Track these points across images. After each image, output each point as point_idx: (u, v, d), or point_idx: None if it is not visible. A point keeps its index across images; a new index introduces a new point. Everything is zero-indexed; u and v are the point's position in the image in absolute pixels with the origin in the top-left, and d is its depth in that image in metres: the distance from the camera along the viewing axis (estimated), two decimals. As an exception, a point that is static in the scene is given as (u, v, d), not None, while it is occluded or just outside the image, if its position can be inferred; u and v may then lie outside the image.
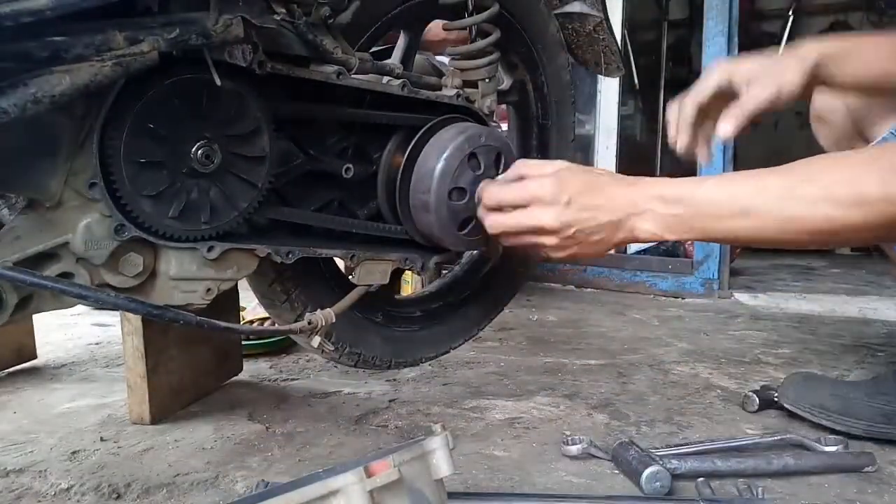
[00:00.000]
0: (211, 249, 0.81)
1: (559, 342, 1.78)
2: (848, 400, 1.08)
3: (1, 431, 1.14)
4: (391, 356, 1.20)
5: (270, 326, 1.38)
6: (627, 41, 3.53)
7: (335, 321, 0.94)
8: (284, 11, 0.82)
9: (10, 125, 0.59)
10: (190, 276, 0.82)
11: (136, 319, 1.15)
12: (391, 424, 1.17)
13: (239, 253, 0.85)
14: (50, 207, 0.72)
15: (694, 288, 2.53)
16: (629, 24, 3.41)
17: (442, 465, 0.58)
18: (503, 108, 1.30)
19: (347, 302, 0.99)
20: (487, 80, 1.10)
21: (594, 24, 1.30)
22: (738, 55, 2.43)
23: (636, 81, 4.11)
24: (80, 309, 1.77)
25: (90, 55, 0.63)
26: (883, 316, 2.17)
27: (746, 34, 4.28)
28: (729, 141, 0.98)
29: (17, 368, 1.50)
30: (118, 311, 1.01)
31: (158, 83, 0.73)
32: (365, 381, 1.41)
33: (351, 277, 1.04)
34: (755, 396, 1.21)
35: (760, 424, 1.16)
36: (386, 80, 0.96)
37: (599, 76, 2.83)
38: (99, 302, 0.72)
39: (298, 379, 1.43)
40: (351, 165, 0.96)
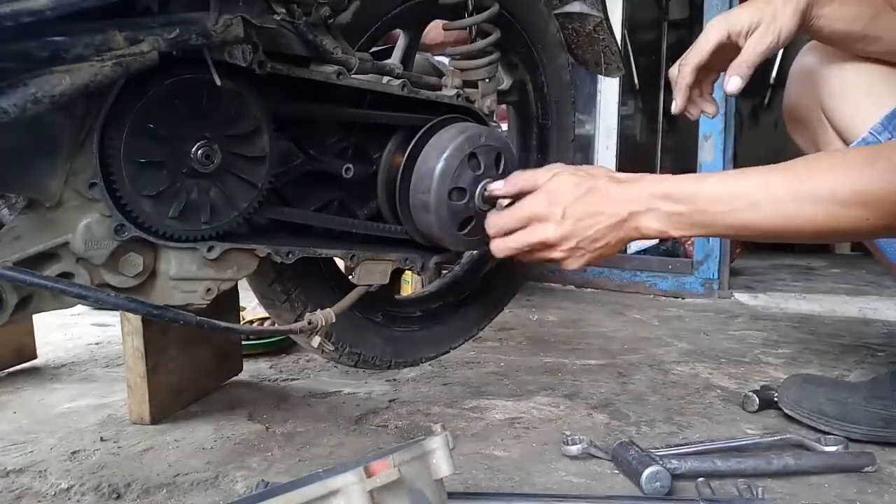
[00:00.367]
0: (211, 249, 0.81)
1: (559, 342, 1.78)
2: (846, 405, 1.08)
3: (1, 431, 1.14)
4: (391, 356, 1.20)
5: (270, 326, 1.38)
6: (627, 41, 3.54)
7: (335, 321, 0.94)
8: (284, 11, 0.82)
9: (10, 125, 0.59)
10: (190, 276, 0.82)
11: (136, 319, 1.15)
12: (391, 424, 1.17)
13: (239, 253, 0.85)
14: (50, 207, 0.72)
15: (694, 288, 2.53)
16: (629, 24, 3.41)
17: (442, 465, 0.58)
18: (503, 108, 1.30)
19: (347, 302, 0.99)
20: (487, 80, 1.10)
21: (594, 24, 1.30)
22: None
23: (636, 81, 4.11)
24: (80, 309, 1.77)
25: (90, 55, 0.63)
26: (883, 316, 2.17)
27: (746, 34, 4.28)
28: (734, 95, 1.01)
29: (17, 368, 1.50)
30: (118, 311, 1.01)
31: (158, 83, 0.73)
32: (365, 381, 1.41)
33: (351, 277, 1.04)
34: (755, 396, 1.21)
35: (760, 424, 1.16)
36: (386, 80, 0.96)
37: (599, 76, 2.84)
38: (99, 302, 0.72)
39: (298, 379, 1.43)
40: (351, 165, 0.96)
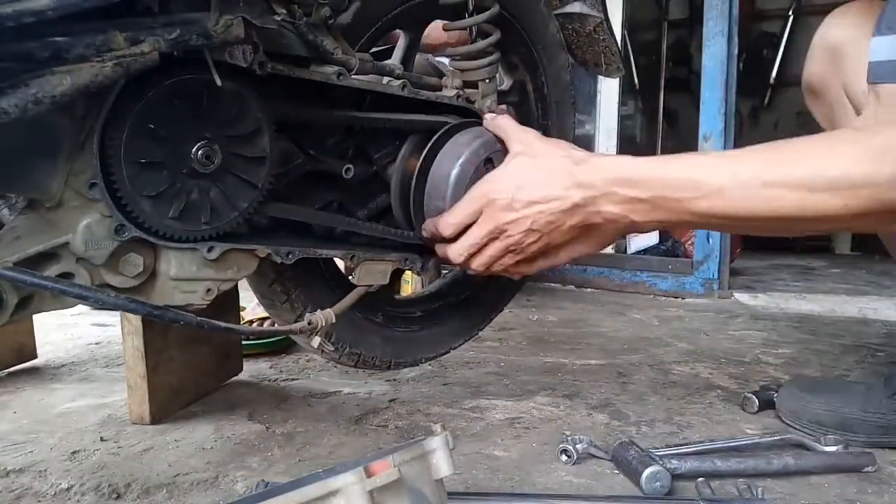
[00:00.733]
0: (211, 250, 0.81)
1: (559, 342, 1.78)
2: (843, 416, 1.07)
3: (1, 431, 1.14)
4: (391, 356, 1.20)
5: (270, 327, 1.38)
6: (627, 41, 3.54)
7: (335, 321, 0.94)
8: (285, 12, 0.82)
9: (10, 125, 0.59)
10: (190, 276, 0.82)
11: (136, 319, 1.15)
12: (391, 424, 1.17)
13: (239, 253, 0.85)
14: (50, 208, 0.72)
15: (694, 288, 2.53)
16: (629, 24, 3.41)
17: (442, 465, 0.58)
18: (503, 108, 1.30)
19: (347, 302, 0.99)
20: (487, 80, 1.10)
21: (594, 24, 1.30)
22: (736, 54, 2.44)
23: (636, 81, 4.11)
24: (80, 309, 1.76)
25: (91, 55, 0.63)
26: (883, 316, 2.17)
27: (746, 34, 4.29)
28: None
29: (17, 368, 1.51)
30: (118, 311, 1.01)
31: (159, 84, 0.73)
32: (365, 381, 1.41)
33: (351, 278, 1.04)
34: (755, 397, 1.21)
35: (760, 424, 1.16)
36: (386, 80, 0.96)
37: (599, 76, 2.84)
38: (99, 302, 0.72)
39: (298, 379, 1.43)
40: (351, 166, 0.96)
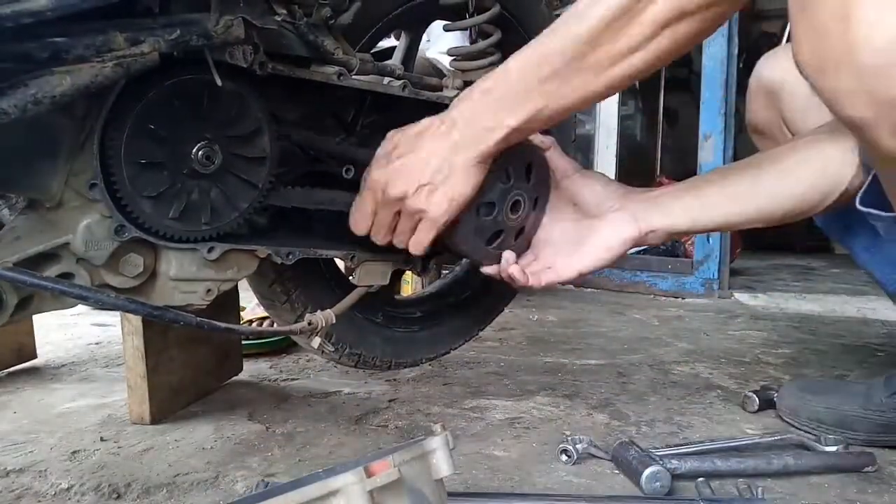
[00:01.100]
0: (211, 250, 0.81)
1: (559, 342, 1.78)
2: (843, 414, 1.08)
3: (1, 431, 1.14)
4: (391, 356, 1.20)
5: (270, 327, 1.38)
6: (627, 41, 3.53)
7: (335, 322, 0.94)
8: (285, 12, 0.82)
9: (10, 126, 0.59)
10: (190, 276, 0.82)
11: (136, 319, 1.15)
12: (391, 424, 1.17)
13: (239, 254, 0.85)
14: (50, 208, 0.72)
15: (694, 288, 2.53)
16: (629, 24, 3.40)
17: (442, 465, 0.58)
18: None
19: (348, 303, 0.99)
20: (488, 80, 1.10)
21: (594, 24, 1.30)
22: (736, 54, 2.44)
23: (636, 82, 4.10)
24: (80, 309, 1.76)
25: (91, 56, 0.63)
26: (883, 316, 2.17)
27: (746, 34, 4.29)
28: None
29: (17, 368, 1.50)
30: (118, 311, 1.01)
31: (159, 84, 0.73)
32: (365, 381, 1.41)
33: (351, 278, 1.04)
34: (755, 397, 1.21)
35: (760, 424, 1.16)
36: (387, 80, 0.96)
37: (599, 76, 2.83)
38: (99, 303, 0.72)
39: (298, 379, 1.43)
40: (352, 166, 0.96)
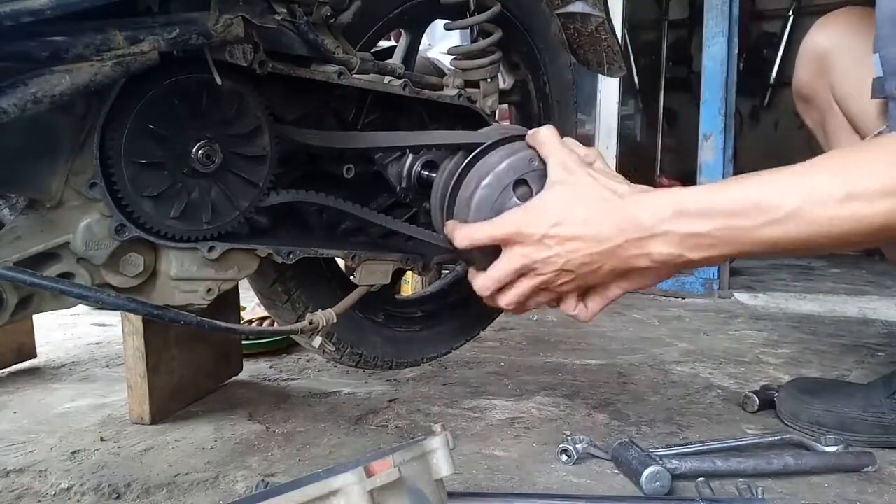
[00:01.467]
0: (212, 250, 0.81)
1: (559, 342, 1.78)
2: (843, 416, 1.07)
3: (1, 431, 1.14)
4: (392, 356, 1.20)
5: (271, 326, 1.38)
6: (627, 41, 3.53)
7: (336, 321, 0.94)
8: (285, 11, 0.82)
9: (10, 125, 0.59)
10: (191, 276, 0.82)
11: (136, 319, 1.15)
12: (391, 424, 1.17)
13: (240, 253, 0.85)
14: (50, 207, 0.72)
15: (694, 288, 2.53)
16: (629, 24, 3.41)
17: (442, 465, 0.58)
18: (504, 107, 1.30)
19: (348, 302, 0.99)
20: (489, 80, 1.10)
21: (596, 24, 1.30)
22: (736, 54, 2.44)
23: (636, 81, 4.11)
24: (80, 309, 1.76)
25: (90, 55, 0.63)
26: (883, 316, 2.17)
27: (746, 34, 4.29)
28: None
29: (17, 368, 1.50)
30: (118, 311, 1.01)
31: (159, 83, 0.73)
32: (365, 381, 1.41)
33: (352, 278, 1.04)
34: (755, 397, 1.21)
35: (760, 424, 1.16)
36: (387, 80, 0.96)
37: (599, 76, 2.83)
38: (99, 302, 0.72)
39: (298, 379, 1.43)
40: (352, 166, 0.96)
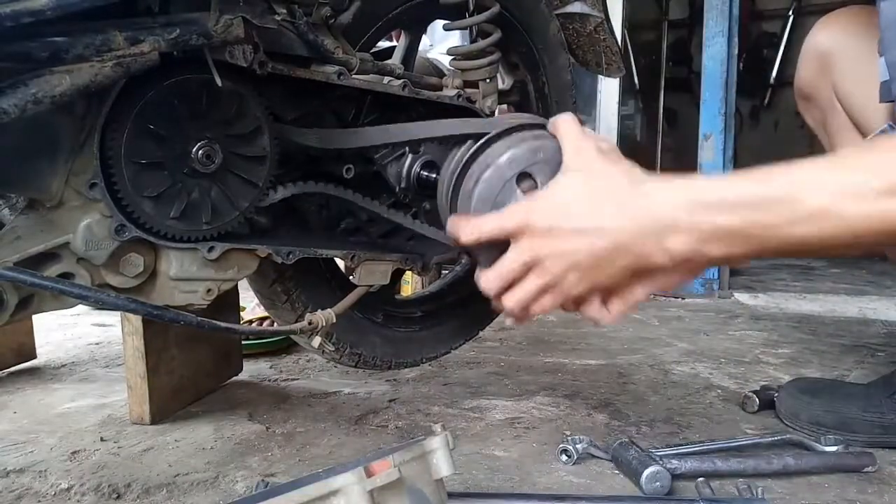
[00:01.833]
0: (212, 250, 0.81)
1: (559, 342, 1.78)
2: (843, 416, 1.07)
3: (1, 431, 1.14)
4: (392, 356, 1.20)
5: (271, 326, 1.38)
6: (627, 41, 3.54)
7: (336, 321, 0.94)
8: (285, 12, 0.82)
9: (10, 125, 0.59)
10: (190, 276, 0.82)
11: (136, 319, 1.15)
12: (391, 424, 1.17)
13: (239, 253, 0.85)
14: (50, 207, 0.72)
15: (694, 288, 2.53)
16: (629, 24, 3.41)
17: (442, 465, 0.58)
18: (504, 107, 1.30)
19: (348, 302, 0.99)
20: (488, 80, 1.10)
21: (595, 24, 1.30)
22: (736, 54, 2.44)
23: (636, 81, 4.11)
24: (80, 309, 1.77)
25: (90, 55, 0.63)
26: (883, 316, 2.17)
27: (746, 34, 4.29)
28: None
29: (17, 368, 1.51)
30: (118, 311, 1.01)
31: (159, 83, 0.73)
32: (365, 381, 1.41)
33: (351, 278, 1.04)
34: (755, 397, 1.21)
35: (760, 424, 1.16)
36: (387, 80, 0.96)
37: (599, 76, 2.84)
38: (99, 302, 0.72)
39: (298, 379, 1.43)
40: (352, 166, 0.96)
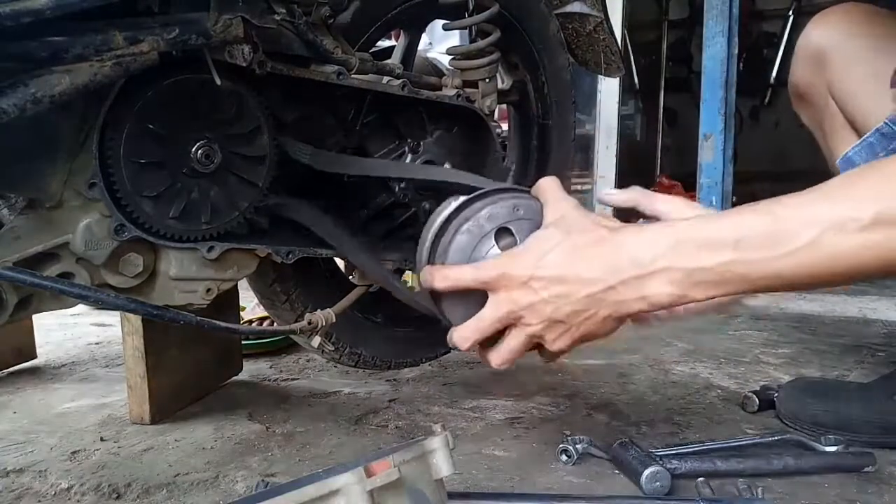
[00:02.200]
0: (211, 249, 0.81)
1: (559, 342, 1.78)
2: (843, 416, 1.07)
3: (1, 431, 1.14)
4: (392, 356, 1.20)
5: (270, 326, 1.38)
6: (627, 41, 3.54)
7: (335, 321, 0.94)
8: (284, 11, 0.82)
9: (10, 125, 0.59)
10: (190, 276, 0.82)
11: (136, 319, 1.15)
12: (391, 424, 1.17)
13: (239, 253, 0.85)
14: (50, 207, 0.72)
15: (694, 288, 2.52)
16: (629, 24, 3.41)
17: (442, 465, 0.58)
18: (503, 107, 1.30)
19: (347, 302, 0.99)
20: (488, 80, 1.10)
21: (594, 24, 1.30)
22: (736, 54, 2.44)
23: (636, 81, 4.12)
24: (80, 309, 1.77)
25: (90, 55, 0.64)
26: (883, 316, 2.17)
27: (746, 34, 4.29)
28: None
29: (17, 368, 1.50)
30: (118, 311, 1.02)
31: (158, 83, 0.73)
32: (365, 381, 1.41)
33: (351, 278, 1.05)
34: (755, 397, 1.21)
35: (760, 424, 1.16)
36: (386, 80, 0.96)
37: (599, 76, 2.84)
38: (99, 302, 0.72)
39: (298, 379, 1.43)
40: (351, 165, 0.96)
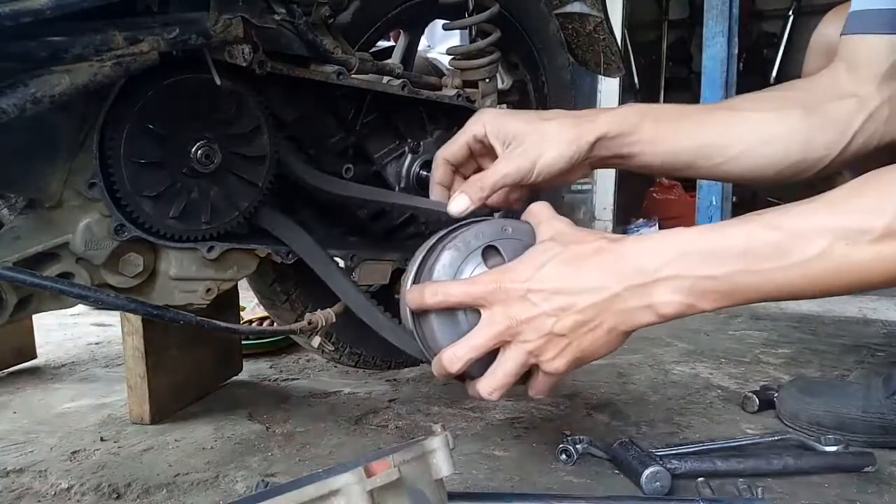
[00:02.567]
0: (211, 249, 0.81)
1: (559, 342, 1.78)
2: (842, 416, 1.07)
3: (1, 431, 1.14)
4: (392, 356, 1.20)
5: (270, 326, 1.38)
6: (627, 41, 3.54)
7: (335, 321, 0.94)
8: (284, 11, 0.82)
9: (9, 125, 0.59)
10: (190, 276, 0.82)
11: (136, 319, 1.15)
12: (391, 424, 1.17)
13: (239, 253, 0.85)
14: (50, 207, 0.72)
15: (694, 288, 2.53)
16: (629, 24, 3.41)
17: (442, 465, 0.58)
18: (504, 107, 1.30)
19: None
20: (488, 80, 1.10)
21: (594, 24, 1.30)
22: (736, 54, 2.44)
23: (636, 81, 4.11)
24: (80, 309, 1.77)
25: (90, 55, 0.64)
26: (883, 316, 2.17)
27: (746, 34, 4.29)
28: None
29: (17, 368, 1.50)
30: (118, 311, 1.02)
31: (158, 83, 0.73)
32: (365, 381, 1.41)
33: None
34: (755, 397, 1.21)
35: (760, 424, 1.16)
36: (386, 79, 0.96)
37: (599, 76, 2.84)
38: (99, 302, 0.72)
39: (298, 379, 1.43)
40: (351, 165, 0.96)
